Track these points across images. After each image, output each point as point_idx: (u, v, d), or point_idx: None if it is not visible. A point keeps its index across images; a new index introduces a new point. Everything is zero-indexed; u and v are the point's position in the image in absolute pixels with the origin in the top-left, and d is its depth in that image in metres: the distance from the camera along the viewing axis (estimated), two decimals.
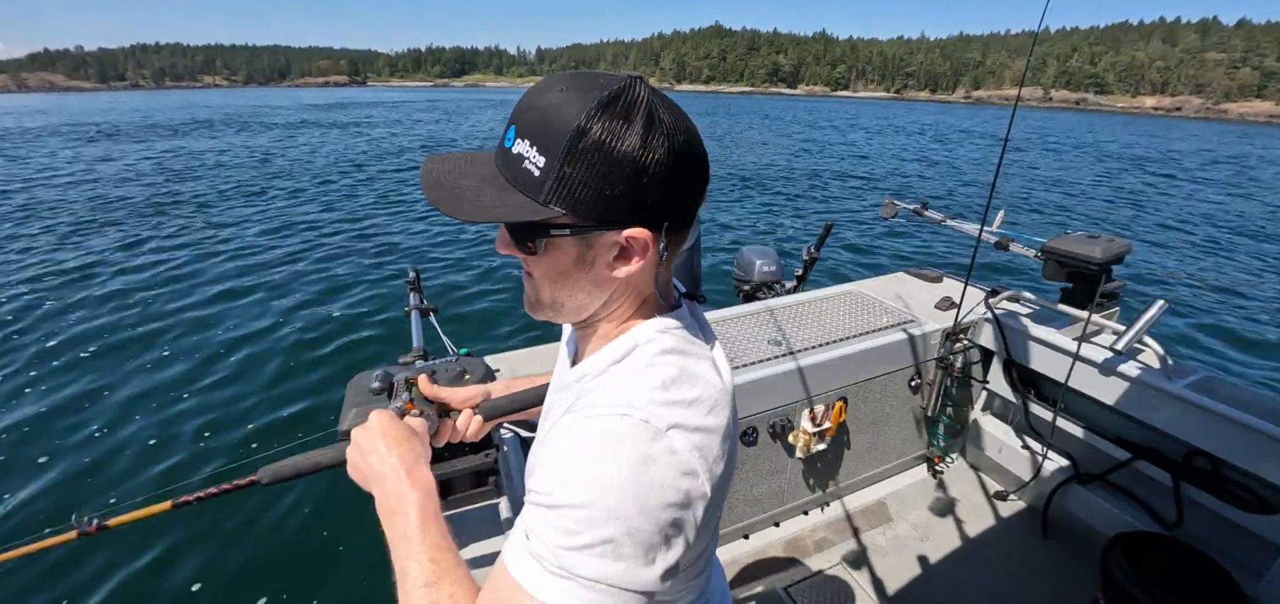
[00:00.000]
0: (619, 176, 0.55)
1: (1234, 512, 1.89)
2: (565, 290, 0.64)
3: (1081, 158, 24.69)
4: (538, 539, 0.55)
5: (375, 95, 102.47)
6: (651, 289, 0.67)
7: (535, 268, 0.64)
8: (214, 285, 6.81)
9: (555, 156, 0.54)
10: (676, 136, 0.57)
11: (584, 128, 0.53)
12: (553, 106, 0.55)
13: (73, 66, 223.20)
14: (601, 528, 0.52)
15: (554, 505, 0.54)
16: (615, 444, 0.54)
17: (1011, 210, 13.07)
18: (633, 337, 0.65)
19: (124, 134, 25.89)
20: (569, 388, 0.70)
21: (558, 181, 0.55)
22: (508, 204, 0.56)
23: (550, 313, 0.67)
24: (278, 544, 3.16)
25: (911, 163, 21.17)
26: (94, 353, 5.14)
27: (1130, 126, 58.72)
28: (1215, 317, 7.10)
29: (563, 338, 0.86)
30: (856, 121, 45.31)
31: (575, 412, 0.59)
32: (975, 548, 2.30)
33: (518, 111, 0.58)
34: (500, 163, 0.59)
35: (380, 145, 22.41)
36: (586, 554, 0.52)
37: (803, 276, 3.10)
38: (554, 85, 0.57)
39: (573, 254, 0.60)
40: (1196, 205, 14.53)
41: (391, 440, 0.76)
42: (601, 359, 0.66)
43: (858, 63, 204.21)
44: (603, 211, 0.56)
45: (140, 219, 9.93)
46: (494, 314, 6.25)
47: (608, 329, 0.68)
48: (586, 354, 0.70)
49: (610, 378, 0.63)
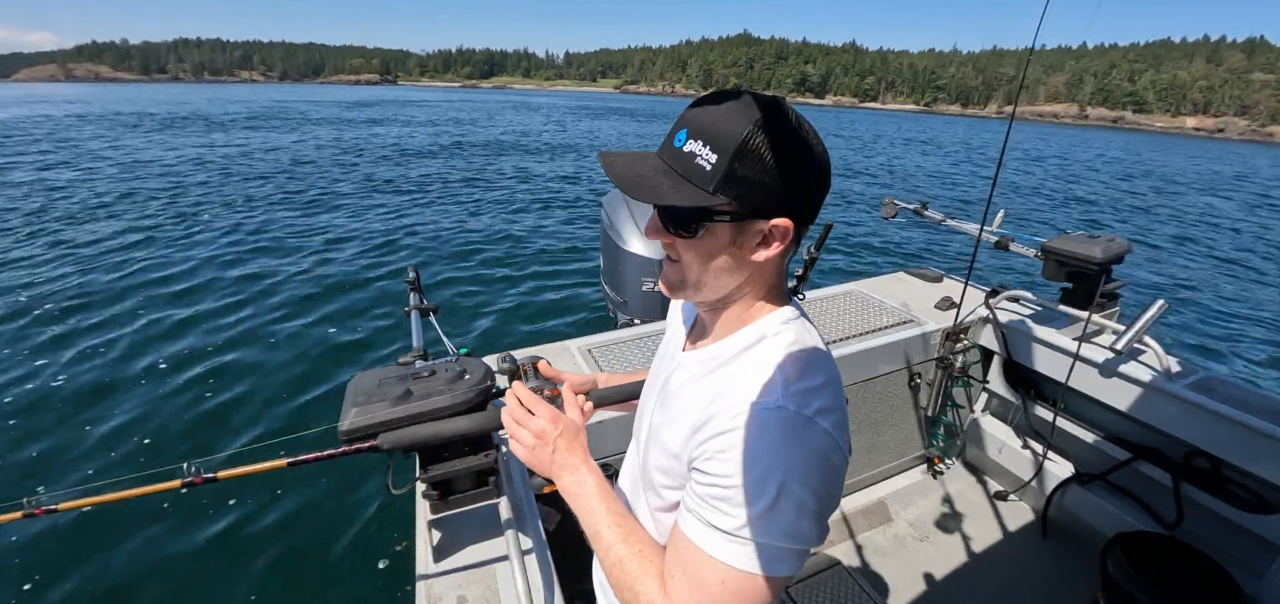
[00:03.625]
0: (775, 173, 0.66)
1: (1234, 512, 1.87)
2: (711, 271, 0.73)
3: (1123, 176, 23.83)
4: (716, 513, 0.67)
5: (404, 94, 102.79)
6: (777, 277, 0.78)
7: (687, 251, 0.73)
8: (210, 285, 6.73)
9: (726, 154, 0.65)
10: (815, 144, 0.69)
11: (752, 133, 0.65)
12: (723, 115, 0.66)
13: (118, 58, 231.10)
14: (772, 500, 0.64)
15: (731, 486, 0.66)
16: (779, 433, 0.66)
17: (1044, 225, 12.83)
18: (761, 326, 0.76)
19: (144, 126, 25.95)
20: (693, 366, 0.81)
21: (726, 176, 0.65)
22: (683, 191, 0.67)
23: (691, 292, 0.77)
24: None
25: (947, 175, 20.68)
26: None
27: (1179, 147, 56.30)
28: (1215, 316, 6.96)
29: (675, 318, 0.97)
30: (882, 133, 44.08)
31: (728, 406, 0.70)
32: (975, 548, 2.30)
33: (688, 119, 0.69)
34: (671, 159, 0.69)
35: (407, 142, 22.54)
36: (761, 522, 0.65)
37: (803, 277, 3.10)
38: (722, 99, 0.69)
39: (726, 238, 0.71)
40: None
41: (565, 438, 0.86)
42: (733, 344, 0.77)
43: (887, 74, 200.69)
44: (759, 202, 0.68)
45: (134, 218, 9.62)
46: (494, 314, 6.24)
47: (738, 311, 0.78)
48: (713, 334, 0.81)
49: (747, 366, 0.73)
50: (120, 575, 2.90)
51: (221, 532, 3.18)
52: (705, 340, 0.83)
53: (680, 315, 0.95)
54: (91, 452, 3.78)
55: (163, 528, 3.17)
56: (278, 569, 2.99)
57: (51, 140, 19.93)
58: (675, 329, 0.95)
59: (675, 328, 0.95)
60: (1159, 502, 2.06)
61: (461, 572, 1.23)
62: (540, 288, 7.04)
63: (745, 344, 0.75)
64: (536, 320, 6.07)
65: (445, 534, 1.29)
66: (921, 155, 27.72)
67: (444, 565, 1.25)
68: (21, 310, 5.78)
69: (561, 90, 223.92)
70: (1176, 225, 13.69)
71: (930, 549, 2.29)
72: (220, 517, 3.26)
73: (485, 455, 1.23)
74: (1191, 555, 1.76)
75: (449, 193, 12.64)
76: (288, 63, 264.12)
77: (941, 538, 2.33)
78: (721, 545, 0.66)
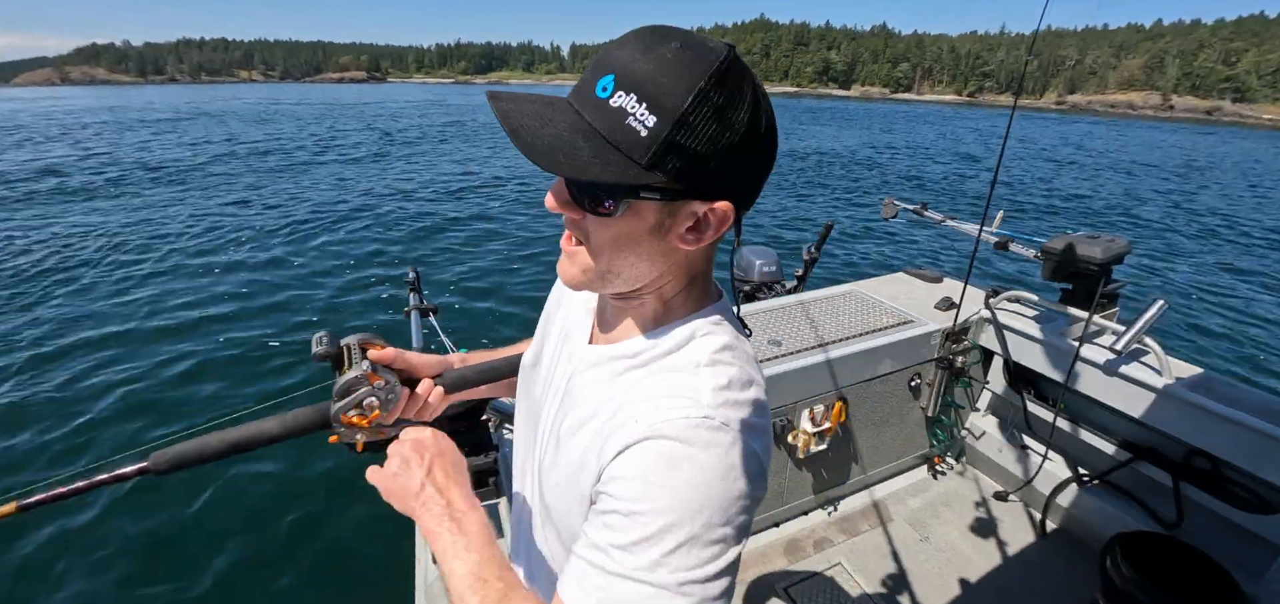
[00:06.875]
0: (724, 149, 0.53)
1: (1234, 512, 1.88)
2: (627, 258, 0.60)
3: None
4: (612, 549, 0.54)
5: (364, 94, 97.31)
6: (705, 265, 0.66)
7: (597, 231, 0.59)
8: (205, 284, 6.72)
9: (667, 118, 0.51)
10: (768, 109, 0.56)
11: (704, 95, 0.51)
12: (668, 66, 0.51)
13: (115, 60, 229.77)
14: (685, 532, 0.52)
15: (632, 513, 0.54)
16: (702, 451, 0.54)
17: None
18: (689, 328, 0.64)
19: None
20: (602, 365, 0.67)
21: (666, 146, 0.51)
22: (608, 162, 0.52)
23: (597, 282, 0.63)
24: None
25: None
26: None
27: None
28: (1216, 317, 6.95)
29: (573, 300, 0.80)
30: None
31: (645, 414, 0.58)
32: (975, 548, 2.30)
33: (617, 61, 0.53)
34: (593, 114, 0.53)
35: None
36: (670, 558, 0.52)
37: (803, 277, 3.11)
38: (661, 42, 0.53)
39: (651, 221, 0.57)
40: None
41: (443, 463, 0.70)
42: (654, 345, 0.64)
43: (924, 60, 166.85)
44: (699, 181, 0.54)
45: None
46: (494, 314, 6.24)
47: (653, 306, 0.66)
48: (622, 330, 0.68)
49: (670, 369, 0.62)
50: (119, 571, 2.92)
51: (222, 532, 3.19)
52: (614, 334, 0.69)
53: (582, 300, 0.78)
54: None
55: (159, 524, 3.20)
56: (278, 569, 3.00)
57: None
58: (573, 314, 0.78)
59: (573, 313, 0.78)
60: (1159, 502, 2.06)
61: None
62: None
63: (671, 345, 0.63)
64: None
65: None
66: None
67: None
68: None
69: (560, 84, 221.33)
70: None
71: (930, 549, 2.28)
72: (221, 516, 3.27)
73: (485, 456, 1.22)
74: (1191, 556, 1.76)
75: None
76: (288, 62, 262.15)
77: (942, 538, 2.33)
78: (631, 585, 0.53)
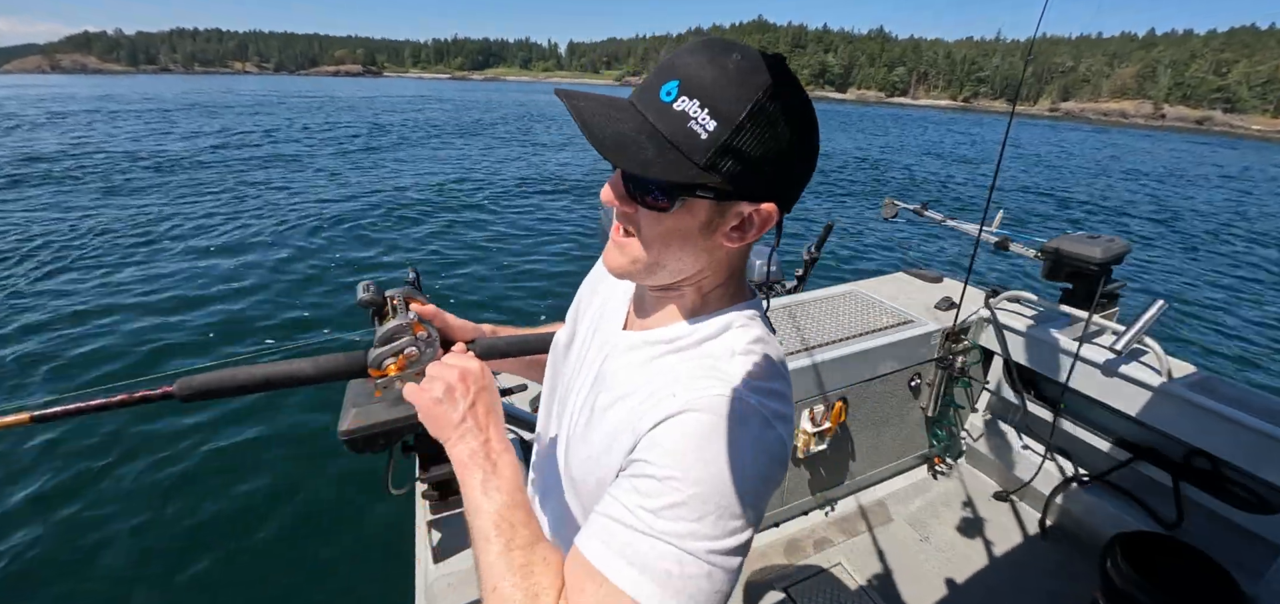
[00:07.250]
0: (774, 155, 0.57)
1: (1234, 512, 1.88)
2: (675, 251, 0.63)
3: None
4: (641, 510, 0.56)
5: (356, 89, 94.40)
6: (741, 263, 0.70)
7: (650, 225, 0.62)
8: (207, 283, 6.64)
9: (728, 124, 0.55)
10: (814, 126, 0.61)
11: (760, 105, 0.55)
12: (729, 76, 0.55)
13: (107, 49, 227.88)
14: (713, 503, 0.55)
15: (666, 479, 0.56)
16: (737, 428, 0.58)
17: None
18: (726, 318, 0.68)
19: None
20: (638, 349, 0.71)
21: (722, 150, 0.55)
22: (671, 161, 0.56)
23: (642, 273, 0.67)
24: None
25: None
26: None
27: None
28: (1216, 316, 6.98)
29: (613, 290, 0.82)
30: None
31: (682, 392, 0.61)
32: (975, 548, 2.30)
33: (680, 69, 0.57)
34: (656, 116, 0.57)
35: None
36: (697, 526, 0.55)
37: (803, 277, 3.11)
38: (724, 53, 0.57)
39: (702, 218, 0.61)
40: None
41: (485, 398, 0.73)
42: (691, 332, 0.68)
43: (920, 65, 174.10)
44: (750, 184, 0.58)
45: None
46: (494, 315, 6.21)
47: (692, 298, 0.69)
48: (659, 317, 0.71)
49: (708, 355, 0.65)
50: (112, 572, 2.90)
51: (221, 532, 3.17)
52: (651, 321, 0.72)
53: (620, 289, 0.81)
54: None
55: (158, 519, 3.17)
56: (277, 569, 2.99)
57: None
58: (611, 302, 0.81)
59: (611, 300, 0.81)
60: (1159, 502, 2.07)
61: (461, 572, 1.24)
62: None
63: (707, 333, 0.67)
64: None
65: (445, 534, 1.30)
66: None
67: (443, 566, 1.26)
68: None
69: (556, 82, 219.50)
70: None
71: (930, 549, 2.29)
72: (220, 516, 3.25)
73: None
74: (1191, 556, 1.76)
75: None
76: (284, 53, 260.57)
77: (941, 538, 2.33)
78: (658, 545, 0.55)
